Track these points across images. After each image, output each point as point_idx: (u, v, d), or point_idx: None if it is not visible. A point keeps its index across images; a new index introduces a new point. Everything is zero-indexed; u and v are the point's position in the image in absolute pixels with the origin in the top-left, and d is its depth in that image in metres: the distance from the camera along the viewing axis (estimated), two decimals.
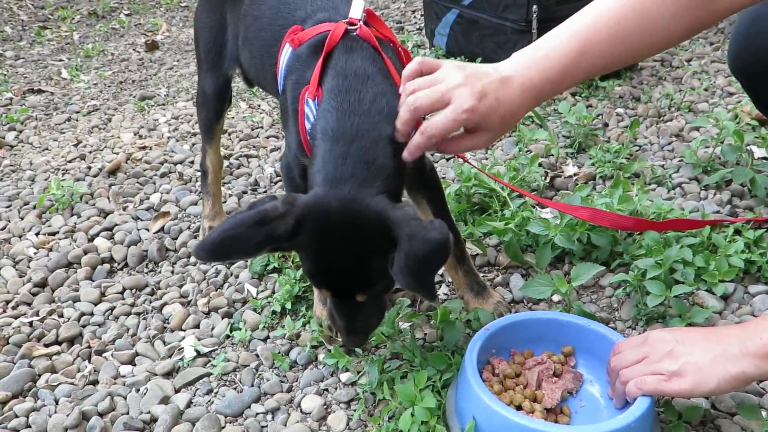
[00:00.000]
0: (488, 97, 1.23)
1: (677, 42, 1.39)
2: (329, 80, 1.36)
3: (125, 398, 1.54)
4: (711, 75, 2.97)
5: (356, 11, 1.44)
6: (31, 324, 1.81)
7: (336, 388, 1.51)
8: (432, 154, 2.49)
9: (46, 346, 1.74)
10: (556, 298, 1.72)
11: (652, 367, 1.22)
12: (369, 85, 1.34)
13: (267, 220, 1.18)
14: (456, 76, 1.24)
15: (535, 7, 2.74)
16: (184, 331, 1.75)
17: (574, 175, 2.25)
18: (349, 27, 1.42)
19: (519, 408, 1.31)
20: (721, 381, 1.15)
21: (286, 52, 1.51)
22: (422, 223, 1.19)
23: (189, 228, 2.17)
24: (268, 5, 1.65)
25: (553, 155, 2.36)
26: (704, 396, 1.36)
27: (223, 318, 1.78)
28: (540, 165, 2.21)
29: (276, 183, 2.46)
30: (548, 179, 2.23)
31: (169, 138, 2.88)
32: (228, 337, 1.71)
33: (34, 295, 1.94)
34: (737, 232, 1.79)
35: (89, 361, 1.68)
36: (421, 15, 4.15)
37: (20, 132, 3.07)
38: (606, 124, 2.61)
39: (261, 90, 3.28)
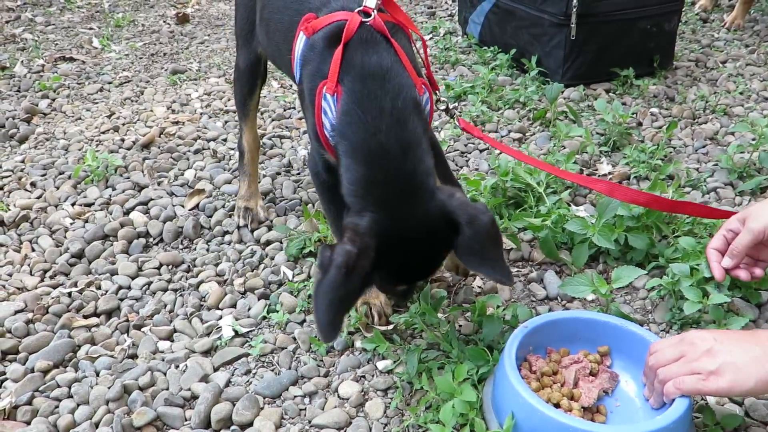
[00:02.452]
0: None
1: None
2: (348, 81, 1.36)
3: (165, 374, 1.57)
4: (746, 78, 2.96)
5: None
6: (69, 295, 1.84)
7: (373, 376, 1.54)
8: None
9: (85, 317, 1.77)
10: (589, 297, 1.73)
11: (690, 365, 1.23)
12: (387, 87, 1.35)
13: (351, 266, 1.20)
14: None
15: (575, 0, 2.72)
16: (221, 310, 1.78)
17: (609, 173, 2.25)
18: (363, 19, 1.40)
19: (557, 406, 1.33)
20: (759, 382, 1.16)
21: (300, 40, 1.51)
22: (475, 206, 1.32)
23: (224, 207, 2.19)
24: None
25: (587, 152, 2.36)
26: (742, 396, 1.37)
27: (259, 299, 1.80)
28: (574, 162, 2.22)
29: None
30: None
31: (201, 114, 2.89)
32: (265, 318, 1.73)
33: (72, 265, 1.96)
34: None
35: (128, 335, 1.71)
36: (454, 0, 4.13)
37: (53, 100, 3.09)
38: (640, 123, 2.61)
39: None
